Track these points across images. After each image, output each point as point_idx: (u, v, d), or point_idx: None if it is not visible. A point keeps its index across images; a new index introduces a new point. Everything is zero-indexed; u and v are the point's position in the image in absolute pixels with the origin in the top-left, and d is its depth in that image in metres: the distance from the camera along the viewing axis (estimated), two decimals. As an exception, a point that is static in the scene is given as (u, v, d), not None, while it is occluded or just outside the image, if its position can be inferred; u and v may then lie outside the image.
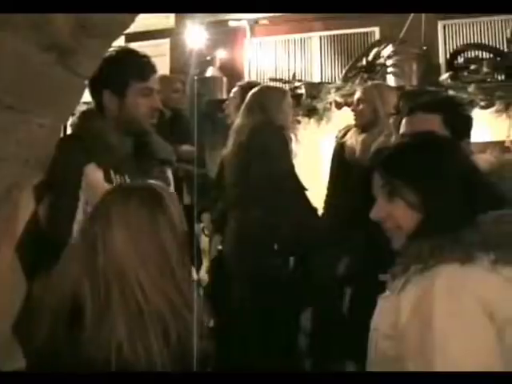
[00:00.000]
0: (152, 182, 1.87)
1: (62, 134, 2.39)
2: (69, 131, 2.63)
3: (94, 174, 2.32)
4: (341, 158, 4.05)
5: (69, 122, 2.53)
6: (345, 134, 4.13)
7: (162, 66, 4.90)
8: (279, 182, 3.48)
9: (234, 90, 4.32)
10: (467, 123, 2.38)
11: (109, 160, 2.35)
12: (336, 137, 4.24)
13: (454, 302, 1.41)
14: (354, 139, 4.00)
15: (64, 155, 2.28)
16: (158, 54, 5.23)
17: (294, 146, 3.83)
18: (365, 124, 3.96)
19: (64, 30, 1.81)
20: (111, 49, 2.31)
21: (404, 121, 2.38)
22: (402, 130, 2.38)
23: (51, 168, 2.22)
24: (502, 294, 1.43)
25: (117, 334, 1.50)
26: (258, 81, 5.46)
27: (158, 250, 1.62)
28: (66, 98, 2.09)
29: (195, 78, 5.52)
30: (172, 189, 2.62)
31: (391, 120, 3.32)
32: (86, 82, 2.22)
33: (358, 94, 4.14)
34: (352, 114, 4.13)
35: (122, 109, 2.39)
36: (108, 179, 2.34)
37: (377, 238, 2.42)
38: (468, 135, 2.37)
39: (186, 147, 4.20)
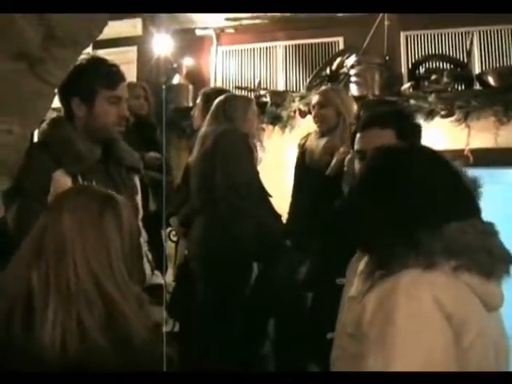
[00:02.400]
0: (113, 192, 1.88)
1: (30, 141, 2.42)
2: (37, 138, 2.65)
3: (61, 181, 2.33)
4: (303, 165, 4.11)
5: (38, 129, 2.55)
6: (306, 141, 4.19)
7: (129, 74, 4.91)
8: (243, 189, 3.53)
9: (200, 95, 4.36)
10: (418, 132, 2.42)
11: (77, 167, 2.37)
12: (298, 145, 4.29)
13: (414, 303, 1.46)
14: (313, 143, 4.06)
15: (33, 161, 2.31)
16: (125, 61, 5.23)
17: (259, 152, 3.88)
18: (328, 129, 4.02)
19: (34, 41, 1.85)
20: (81, 57, 2.35)
21: (358, 136, 2.36)
22: (356, 146, 2.36)
23: (20, 174, 2.25)
24: (460, 298, 1.49)
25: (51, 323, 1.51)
26: (224, 87, 5.50)
27: (100, 243, 1.63)
28: (35, 106, 2.13)
29: (163, 86, 5.54)
30: (139, 196, 2.67)
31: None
32: (56, 90, 2.26)
33: (316, 98, 4.16)
34: (314, 120, 4.18)
35: (90, 116, 2.43)
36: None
37: (335, 243, 2.48)
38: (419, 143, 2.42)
39: (152, 154, 4.23)
